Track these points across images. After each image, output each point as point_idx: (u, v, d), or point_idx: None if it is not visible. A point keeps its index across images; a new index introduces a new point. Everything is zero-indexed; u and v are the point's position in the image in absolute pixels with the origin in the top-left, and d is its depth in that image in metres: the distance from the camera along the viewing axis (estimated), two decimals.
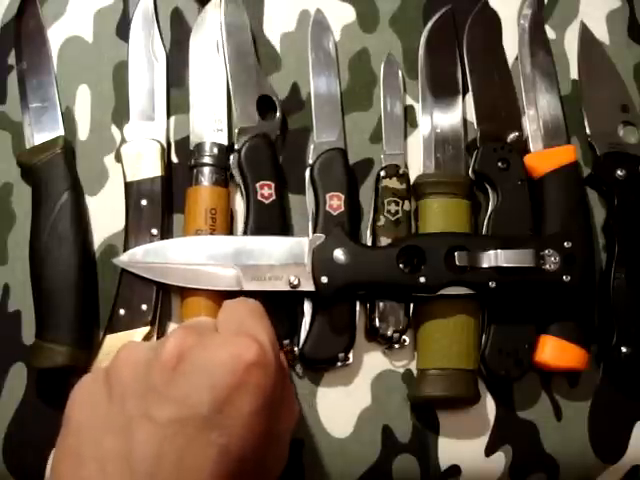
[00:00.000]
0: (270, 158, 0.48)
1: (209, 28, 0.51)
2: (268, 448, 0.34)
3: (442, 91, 0.51)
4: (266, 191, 0.46)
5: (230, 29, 0.51)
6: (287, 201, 0.48)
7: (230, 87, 0.50)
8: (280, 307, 0.45)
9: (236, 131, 0.48)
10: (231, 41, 0.50)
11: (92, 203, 0.48)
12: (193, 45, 0.51)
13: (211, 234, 0.45)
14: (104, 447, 0.31)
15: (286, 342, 0.44)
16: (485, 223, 0.47)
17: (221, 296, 0.43)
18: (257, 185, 0.46)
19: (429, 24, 0.52)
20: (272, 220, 0.46)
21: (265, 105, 0.50)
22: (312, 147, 0.48)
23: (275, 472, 0.37)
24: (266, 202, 0.46)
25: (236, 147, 0.48)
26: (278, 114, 0.49)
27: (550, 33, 0.54)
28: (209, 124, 0.48)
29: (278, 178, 0.47)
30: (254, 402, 0.32)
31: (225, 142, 0.48)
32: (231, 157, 0.48)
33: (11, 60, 0.51)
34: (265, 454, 0.33)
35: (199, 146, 0.47)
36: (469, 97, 0.51)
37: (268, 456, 0.34)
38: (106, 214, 0.48)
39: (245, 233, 0.45)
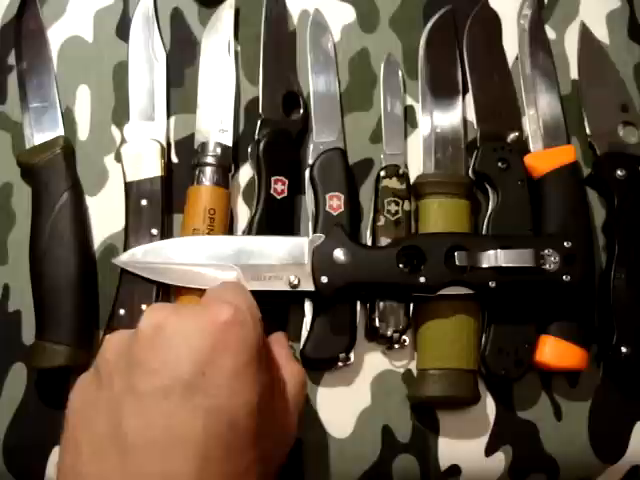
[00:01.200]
0: (288, 155, 0.48)
1: (222, 28, 0.51)
2: (263, 413, 0.33)
3: (442, 91, 0.51)
4: (279, 187, 0.46)
5: (270, 18, 0.51)
6: (298, 202, 0.48)
7: (260, 76, 0.50)
8: (280, 308, 0.45)
9: (259, 121, 0.48)
10: (269, 31, 0.51)
11: (92, 203, 0.48)
12: (205, 44, 0.51)
13: (208, 234, 0.45)
14: (96, 431, 0.31)
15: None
16: (485, 223, 0.47)
17: None
18: (272, 179, 0.46)
19: (429, 24, 0.52)
20: (280, 216, 0.46)
21: (290, 102, 0.50)
22: (312, 147, 0.48)
23: (280, 445, 0.36)
24: (278, 197, 0.46)
25: (256, 137, 0.48)
26: (302, 112, 0.49)
27: (550, 33, 0.54)
28: (214, 124, 0.48)
29: (292, 176, 0.47)
30: (236, 360, 0.32)
31: (229, 143, 0.48)
32: (249, 146, 0.48)
33: (11, 60, 0.51)
34: (260, 419, 0.33)
35: (203, 145, 0.47)
36: (469, 97, 0.51)
37: (265, 423, 0.33)
38: (106, 214, 0.48)
39: (250, 225, 0.45)
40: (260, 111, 0.49)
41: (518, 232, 0.46)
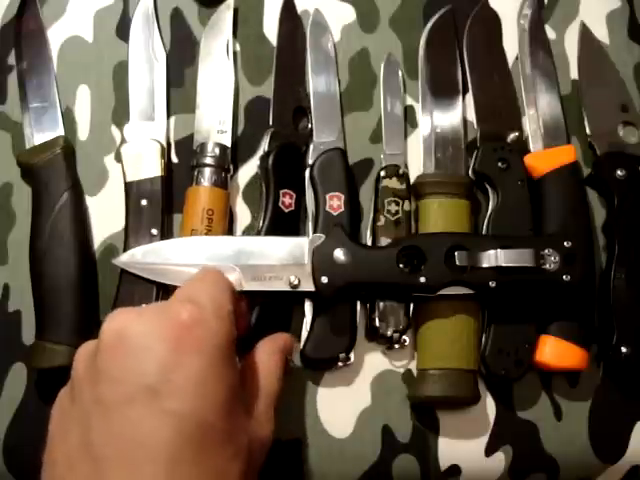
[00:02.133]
0: (297, 169, 0.48)
1: (221, 30, 0.51)
2: (234, 408, 0.33)
3: (442, 91, 0.51)
4: (287, 200, 0.46)
5: (286, 32, 0.52)
6: (304, 214, 0.48)
7: (272, 86, 0.50)
8: (284, 308, 0.45)
9: (269, 132, 0.48)
10: (283, 45, 0.51)
11: (92, 203, 0.48)
12: (204, 44, 0.51)
13: (207, 234, 0.45)
14: (69, 444, 0.31)
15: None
16: (485, 223, 0.47)
17: None
18: (280, 192, 0.46)
19: (429, 24, 0.52)
20: (286, 230, 0.46)
21: (298, 114, 0.50)
22: (312, 147, 0.48)
23: (257, 439, 0.35)
24: (285, 210, 0.46)
25: (266, 149, 0.48)
26: (309, 126, 0.49)
27: (550, 33, 0.54)
28: (213, 125, 0.48)
29: (299, 190, 0.47)
30: (199, 360, 0.32)
31: (228, 144, 0.48)
32: (258, 157, 0.48)
33: (11, 60, 0.51)
34: (231, 415, 0.32)
35: (202, 146, 0.47)
36: (469, 97, 0.51)
37: (237, 418, 0.33)
38: (106, 214, 0.48)
39: (258, 234, 0.45)
40: (270, 123, 0.49)
41: (518, 232, 0.46)
